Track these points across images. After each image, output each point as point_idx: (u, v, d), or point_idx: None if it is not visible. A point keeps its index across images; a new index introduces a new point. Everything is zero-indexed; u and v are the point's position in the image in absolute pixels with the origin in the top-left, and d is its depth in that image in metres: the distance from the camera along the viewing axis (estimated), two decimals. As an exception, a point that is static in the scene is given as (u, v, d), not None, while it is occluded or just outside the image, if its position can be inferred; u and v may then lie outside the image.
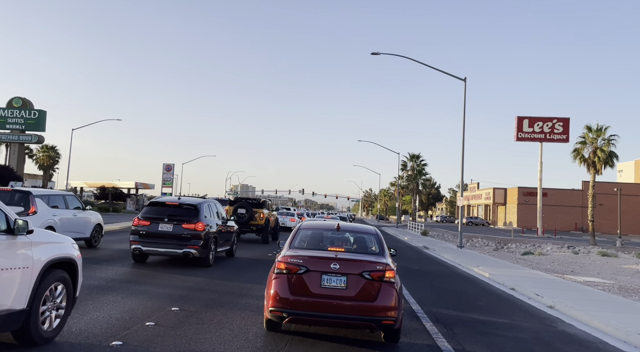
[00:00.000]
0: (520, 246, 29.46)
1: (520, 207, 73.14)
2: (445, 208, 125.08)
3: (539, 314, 9.23)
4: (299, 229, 7.06)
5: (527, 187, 72.89)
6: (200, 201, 12.95)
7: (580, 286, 12.87)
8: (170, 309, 7.27)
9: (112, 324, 6.26)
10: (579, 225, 70.82)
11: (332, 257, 5.94)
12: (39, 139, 40.30)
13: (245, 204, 21.85)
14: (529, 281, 12.85)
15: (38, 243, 5.25)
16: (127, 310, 7.10)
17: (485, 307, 9.52)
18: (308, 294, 5.76)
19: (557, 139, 56.48)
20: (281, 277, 5.90)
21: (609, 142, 38.85)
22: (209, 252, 12.35)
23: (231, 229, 14.81)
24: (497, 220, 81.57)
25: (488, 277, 14.11)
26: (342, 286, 5.79)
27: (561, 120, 56.78)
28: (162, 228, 11.88)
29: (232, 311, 7.44)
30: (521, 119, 57.11)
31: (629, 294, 11.93)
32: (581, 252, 26.82)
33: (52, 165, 62.74)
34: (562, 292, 11.20)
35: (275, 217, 25.00)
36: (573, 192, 73.30)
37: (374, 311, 5.70)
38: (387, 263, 6.03)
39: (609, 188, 59.28)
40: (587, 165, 39.60)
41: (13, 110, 39.02)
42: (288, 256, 6.03)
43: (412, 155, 69.95)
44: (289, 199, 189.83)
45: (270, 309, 5.86)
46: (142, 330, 6.10)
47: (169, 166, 74.66)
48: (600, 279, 14.93)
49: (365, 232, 7.14)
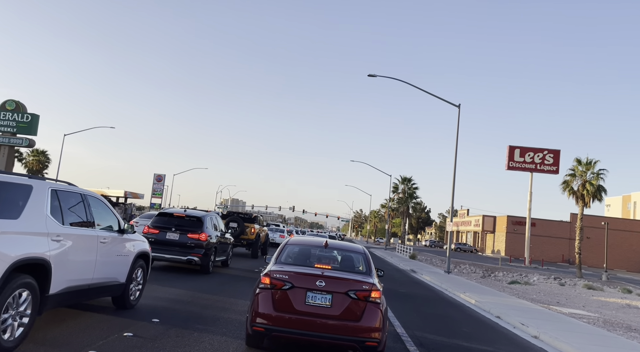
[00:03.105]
0: (508, 275, 29.41)
1: (509, 236, 73.36)
2: (434, 233, 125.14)
3: (523, 343, 9.15)
4: (286, 244, 6.98)
5: (516, 216, 73.25)
6: (204, 214, 14.20)
7: (566, 317, 12.82)
8: (150, 320, 7.11)
9: (89, 333, 6.09)
10: (566, 257, 71.08)
11: (318, 275, 5.85)
12: (29, 142, 39.93)
13: (237, 218, 22.02)
14: (515, 310, 12.79)
15: (132, 240, 7.73)
16: (105, 319, 6.93)
17: (470, 334, 9.42)
18: (292, 311, 5.65)
19: (547, 170, 57.06)
20: (265, 292, 5.80)
21: (598, 176, 39.31)
22: (209, 260, 13.46)
23: (228, 241, 15.94)
24: (486, 247, 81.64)
25: (474, 304, 14.02)
26: (326, 304, 5.70)
27: (552, 152, 57.47)
28: (169, 236, 13.10)
29: (214, 325, 7.29)
30: (513, 149, 57.74)
31: (614, 328, 11.89)
32: (567, 284, 26.83)
33: (42, 170, 62.07)
34: (548, 322, 11.14)
35: (265, 233, 24.91)
36: (561, 223, 73.76)
37: (358, 331, 5.61)
38: (373, 283, 5.96)
39: (597, 222, 59.75)
40: (576, 197, 39.95)
41: (6, 112, 38.78)
42: (273, 271, 5.94)
43: (403, 178, 70.24)
44: (279, 215, 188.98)
45: (252, 324, 5.74)
46: (119, 340, 5.94)
47: (160, 177, 74.17)
48: (585, 312, 14.89)
49: (353, 250, 7.08)
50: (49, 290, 5.51)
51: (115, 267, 7.17)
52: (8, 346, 4.95)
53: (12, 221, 5.02)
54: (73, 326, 6.32)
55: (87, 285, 6.48)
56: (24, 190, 5.42)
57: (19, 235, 5.03)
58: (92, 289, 6.66)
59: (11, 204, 5.18)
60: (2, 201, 5.14)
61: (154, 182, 73.85)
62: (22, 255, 4.97)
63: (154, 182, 73.87)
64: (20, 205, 5.25)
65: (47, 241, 5.43)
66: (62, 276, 5.74)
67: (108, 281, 7.02)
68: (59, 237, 5.63)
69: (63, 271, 5.73)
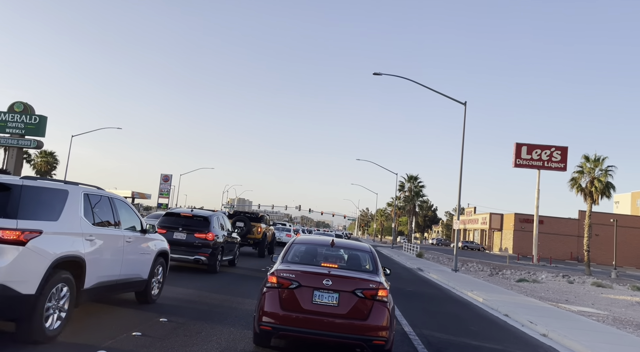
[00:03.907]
0: (515, 273, 29.25)
1: (516, 234, 72.93)
2: (441, 231, 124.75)
3: (532, 341, 9.10)
4: (292, 243, 6.99)
5: (523, 214, 72.78)
6: (211, 214, 14.26)
7: (575, 315, 12.73)
8: (158, 320, 7.15)
9: (97, 333, 6.13)
10: (574, 254, 70.57)
11: (325, 273, 5.86)
12: (38, 144, 40.20)
13: (243, 218, 22.09)
14: (523, 308, 12.72)
15: (153, 239, 8.31)
16: (114, 319, 6.99)
17: (478, 333, 9.38)
18: (299, 310, 5.66)
19: (554, 168, 56.61)
20: (272, 292, 5.81)
21: (606, 172, 38.96)
22: (217, 260, 13.53)
23: (234, 241, 16.00)
24: (493, 245, 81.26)
25: (482, 302, 13.96)
26: (333, 302, 5.70)
27: (559, 149, 57.03)
28: (176, 236, 13.14)
29: (221, 324, 7.32)
30: (520, 146, 57.35)
31: (623, 326, 11.80)
32: (576, 281, 26.65)
33: (50, 171, 62.52)
34: (556, 320, 11.07)
35: (272, 232, 24.95)
36: (569, 221, 73.23)
37: (365, 330, 5.61)
38: (380, 281, 5.95)
39: (605, 219, 59.24)
40: (584, 194, 39.62)
41: (14, 114, 39.11)
42: (280, 270, 5.95)
43: (410, 177, 70.00)
44: (286, 214, 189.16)
45: (260, 323, 5.76)
46: (127, 340, 5.98)
47: (167, 177, 74.54)
48: (594, 310, 14.78)
49: (359, 249, 7.07)
50: (84, 285, 6.08)
51: (139, 264, 7.75)
52: (51, 335, 5.51)
53: (53, 223, 5.58)
54: (81, 326, 6.36)
55: (115, 280, 7.03)
56: (61, 194, 5.94)
57: (59, 235, 5.61)
58: (119, 284, 7.21)
59: (51, 207, 5.72)
60: (44, 204, 5.65)
61: (161, 182, 74.22)
62: (62, 253, 5.56)
63: (161, 183, 74.23)
64: (59, 208, 5.79)
65: (82, 240, 6.02)
66: (94, 272, 6.30)
67: (133, 277, 7.58)
68: (91, 237, 6.21)
69: (95, 268, 6.29)
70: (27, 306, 5.12)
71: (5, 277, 4.91)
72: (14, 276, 4.98)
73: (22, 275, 5.07)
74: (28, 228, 5.17)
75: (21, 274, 5.06)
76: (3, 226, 5.01)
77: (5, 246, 4.97)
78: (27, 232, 5.13)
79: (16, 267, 5.00)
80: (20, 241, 5.05)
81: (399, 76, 28.31)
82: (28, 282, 5.11)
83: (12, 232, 5.02)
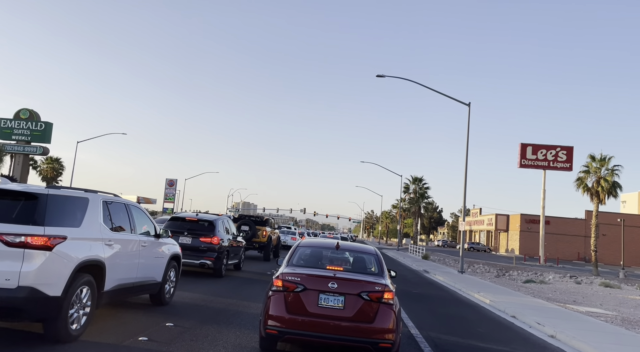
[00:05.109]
0: (522, 274, 29.08)
1: (523, 235, 72.53)
2: (447, 232, 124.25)
3: (539, 343, 9.03)
4: (297, 246, 6.98)
5: (529, 215, 72.41)
6: (216, 218, 14.25)
7: (583, 316, 12.63)
8: (164, 324, 7.15)
9: (103, 338, 6.14)
10: (581, 255, 70.09)
11: (330, 276, 5.84)
12: (43, 150, 40.44)
13: (248, 222, 22.02)
14: (531, 309, 12.63)
15: (166, 243, 8.65)
16: (120, 323, 6.99)
17: (485, 334, 9.32)
18: (304, 313, 5.65)
19: (560, 168, 56.30)
20: (278, 295, 5.80)
21: (612, 172, 38.71)
22: (222, 264, 13.60)
23: (240, 245, 15.99)
24: (499, 246, 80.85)
25: (489, 304, 13.88)
26: (339, 305, 5.68)
27: (565, 149, 56.73)
28: (181, 241, 13.02)
29: (227, 329, 7.31)
30: (525, 146, 57.11)
31: (632, 327, 11.68)
32: (584, 282, 26.45)
33: (56, 177, 62.80)
34: (564, 321, 10.98)
35: (277, 236, 24.91)
36: (576, 221, 72.77)
37: (372, 332, 5.58)
38: (386, 284, 5.93)
39: (612, 219, 58.84)
40: (591, 194, 39.38)
41: (20, 121, 39.35)
42: (285, 273, 5.94)
43: (414, 178, 69.81)
44: (291, 218, 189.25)
45: (265, 327, 5.75)
46: (134, 344, 5.98)
47: (172, 181, 74.73)
48: (602, 310, 14.66)
49: (364, 252, 7.05)
50: (104, 287, 6.38)
51: (154, 267, 8.07)
52: (75, 334, 5.80)
53: (75, 229, 5.88)
54: (87, 331, 6.37)
55: (132, 283, 7.32)
56: (82, 202, 6.25)
57: (81, 240, 5.92)
58: (136, 287, 7.50)
59: (74, 214, 6.02)
60: (67, 212, 5.92)
61: (166, 187, 74.42)
62: (85, 257, 5.85)
63: (166, 187, 74.43)
64: (80, 215, 6.11)
65: (102, 245, 6.33)
66: (113, 275, 6.59)
67: (148, 280, 7.89)
68: (110, 242, 6.52)
69: (114, 271, 6.59)
70: (54, 307, 5.40)
71: (35, 280, 5.20)
72: (42, 279, 5.26)
73: (49, 278, 5.35)
74: (54, 234, 5.45)
75: (48, 277, 5.33)
76: (32, 233, 5.28)
77: (34, 251, 5.25)
78: (53, 238, 5.41)
79: (44, 271, 5.28)
80: (47, 246, 5.34)
81: (402, 78, 28.29)
82: (55, 285, 5.39)
83: (40, 239, 5.30)
